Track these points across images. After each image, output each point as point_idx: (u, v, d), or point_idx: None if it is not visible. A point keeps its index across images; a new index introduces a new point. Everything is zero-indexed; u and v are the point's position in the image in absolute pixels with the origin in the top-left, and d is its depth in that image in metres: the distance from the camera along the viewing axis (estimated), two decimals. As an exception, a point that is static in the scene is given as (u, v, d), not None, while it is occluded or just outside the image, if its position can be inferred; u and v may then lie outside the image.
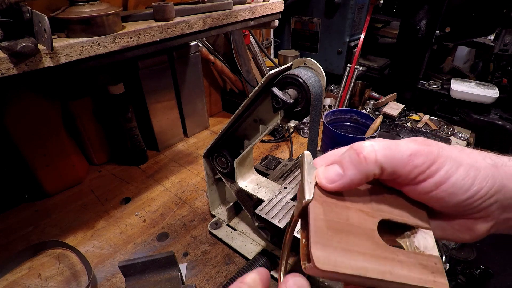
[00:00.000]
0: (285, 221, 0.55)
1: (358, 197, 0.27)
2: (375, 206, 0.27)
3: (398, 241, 0.27)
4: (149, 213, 0.80)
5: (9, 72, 0.41)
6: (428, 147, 0.26)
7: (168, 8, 0.58)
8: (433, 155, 0.25)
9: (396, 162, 0.25)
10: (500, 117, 1.12)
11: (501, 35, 1.08)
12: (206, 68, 1.13)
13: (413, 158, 0.25)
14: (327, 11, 1.26)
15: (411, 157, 0.25)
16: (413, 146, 0.25)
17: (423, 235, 0.26)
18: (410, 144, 0.26)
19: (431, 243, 0.26)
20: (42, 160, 0.80)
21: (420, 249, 0.25)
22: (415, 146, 0.25)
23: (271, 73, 0.48)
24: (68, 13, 0.48)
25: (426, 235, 0.26)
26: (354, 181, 0.25)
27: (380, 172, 0.25)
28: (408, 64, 1.24)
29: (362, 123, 0.94)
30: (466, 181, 0.25)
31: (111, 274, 0.64)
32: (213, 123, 1.23)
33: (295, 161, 0.79)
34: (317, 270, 0.21)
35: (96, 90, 0.87)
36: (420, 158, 0.25)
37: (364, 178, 0.25)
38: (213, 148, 0.65)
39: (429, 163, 0.25)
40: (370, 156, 0.25)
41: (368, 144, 0.25)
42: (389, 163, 0.25)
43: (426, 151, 0.25)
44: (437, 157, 0.25)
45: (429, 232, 0.27)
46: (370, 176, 0.25)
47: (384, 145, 0.25)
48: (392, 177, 0.26)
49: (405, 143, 0.26)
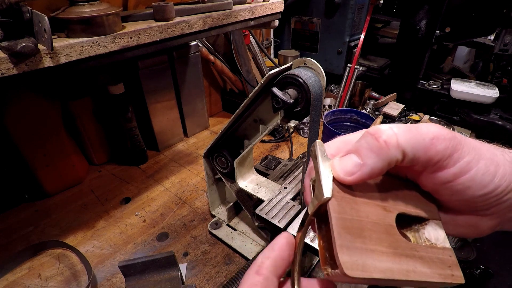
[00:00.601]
0: (285, 221, 0.55)
1: (373, 190, 0.25)
2: (390, 199, 0.25)
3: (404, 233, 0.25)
4: (149, 213, 0.80)
5: (9, 72, 0.41)
6: (450, 132, 0.23)
7: (168, 8, 0.58)
8: (456, 141, 0.23)
9: (419, 146, 0.22)
10: (500, 117, 1.12)
11: (501, 35, 1.08)
12: (206, 68, 1.13)
13: (436, 143, 0.22)
14: (327, 11, 1.26)
15: (434, 141, 0.22)
16: (435, 129, 0.23)
17: (433, 226, 0.25)
18: (431, 127, 0.23)
19: (442, 235, 0.25)
20: (42, 160, 0.80)
21: (432, 241, 0.24)
22: (437, 129, 0.23)
23: (271, 73, 0.48)
24: (68, 13, 0.48)
25: (437, 227, 0.25)
26: (375, 170, 0.23)
27: (402, 158, 0.22)
28: (408, 64, 1.24)
29: (362, 123, 0.94)
30: (485, 176, 0.23)
31: (111, 274, 0.64)
32: (213, 123, 1.23)
33: (295, 161, 0.79)
34: (346, 277, 0.20)
35: (96, 90, 0.87)
36: (443, 143, 0.22)
37: (386, 166, 0.23)
38: (213, 148, 0.65)
39: (451, 150, 0.23)
40: (391, 140, 0.22)
41: (387, 127, 0.23)
42: (411, 147, 0.22)
43: (449, 136, 0.23)
44: (459, 145, 0.23)
45: (439, 223, 0.26)
46: (393, 163, 0.22)
47: (404, 128, 0.23)
48: (411, 163, 0.23)
49: (425, 126, 0.23)
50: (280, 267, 0.23)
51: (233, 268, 0.65)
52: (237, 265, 0.66)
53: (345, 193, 0.24)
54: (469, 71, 1.44)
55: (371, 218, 0.23)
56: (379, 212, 0.24)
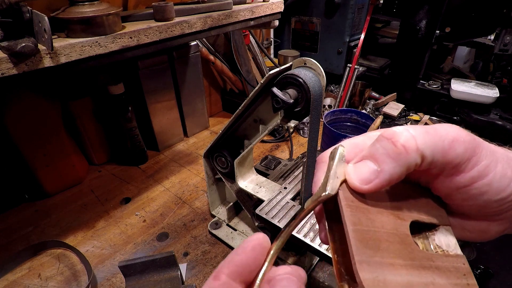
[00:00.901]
0: (285, 221, 0.55)
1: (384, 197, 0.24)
2: (402, 206, 0.24)
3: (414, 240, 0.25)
4: (149, 213, 0.80)
5: (9, 72, 0.41)
6: (469, 134, 0.22)
7: (168, 8, 0.58)
8: (475, 143, 0.22)
9: (437, 148, 0.21)
10: (500, 117, 1.12)
11: (501, 35, 1.08)
12: (206, 68, 1.13)
13: (455, 145, 0.21)
14: (327, 11, 1.26)
15: (453, 143, 0.21)
16: (454, 131, 0.22)
17: (443, 232, 0.25)
18: (450, 128, 0.22)
19: (453, 241, 0.24)
20: (42, 160, 0.80)
21: (443, 247, 0.24)
22: (456, 130, 0.22)
23: (271, 73, 0.48)
24: (68, 13, 0.48)
25: (447, 232, 0.25)
26: (394, 176, 0.21)
27: (420, 162, 0.21)
28: (408, 64, 1.24)
29: (362, 123, 0.94)
30: (503, 181, 0.22)
31: (111, 274, 0.64)
32: (213, 123, 1.23)
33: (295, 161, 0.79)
34: None
35: (96, 90, 0.87)
36: (462, 146, 0.21)
37: (405, 172, 0.21)
38: (213, 148, 0.65)
39: (470, 154, 0.21)
40: (410, 143, 0.21)
41: (403, 129, 0.21)
42: (430, 150, 0.21)
43: (468, 138, 0.22)
44: (478, 148, 0.22)
45: (449, 228, 0.25)
46: (412, 167, 0.21)
47: (421, 130, 0.21)
48: (429, 166, 0.22)
49: (443, 128, 0.22)
50: (245, 272, 0.21)
51: (233, 268, 0.65)
52: (237, 265, 0.66)
53: (359, 202, 0.22)
54: (469, 71, 1.44)
55: (386, 228, 0.22)
56: (393, 221, 0.23)
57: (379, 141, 0.22)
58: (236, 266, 0.21)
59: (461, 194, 0.23)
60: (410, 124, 1.17)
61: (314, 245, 0.50)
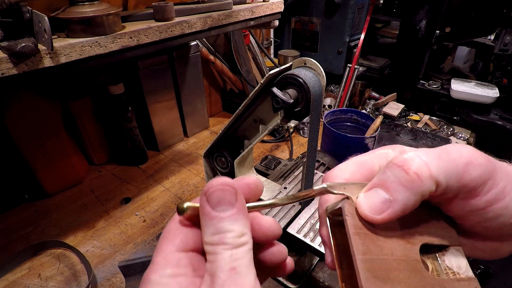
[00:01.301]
0: (285, 221, 0.55)
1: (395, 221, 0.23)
2: (413, 229, 0.23)
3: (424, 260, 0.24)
4: (149, 213, 0.80)
5: (9, 72, 0.41)
6: (484, 156, 0.21)
7: (168, 8, 0.58)
8: (491, 167, 0.21)
9: (452, 173, 0.20)
10: (500, 117, 1.12)
11: (501, 35, 1.08)
12: (206, 68, 1.13)
13: (470, 169, 0.20)
14: (327, 11, 1.26)
15: (468, 167, 0.20)
16: (468, 154, 0.21)
17: (454, 253, 0.24)
18: (463, 150, 0.21)
19: (463, 262, 0.23)
20: (42, 160, 0.80)
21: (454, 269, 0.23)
22: (470, 153, 0.21)
23: (271, 73, 0.48)
24: (68, 13, 0.48)
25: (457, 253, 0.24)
26: (407, 206, 0.20)
27: (435, 189, 0.20)
28: (408, 64, 1.24)
29: (362, 123, 0.94)
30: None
31: (111, 274, 0.64)
32: (213, 123, 1.23)
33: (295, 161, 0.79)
34: None
35: (96, 90, 0.87)
36: (478, 170, 0.20)
37: (419, 200, 0.20)
38: (213, 148, 0.65)
39: (486, 177, 0.21)
40: (423, 171, 0.20)
41: (414, 155, 0.20)
42: (444, 176, 0.20)
43: (483, 161, 0.21)
44: (494, 170, 0.21)
45: (460, 249, 0.24)
46: (426, 195, 0.20)
47: (433, 155, 0.20)
48: (443, 192, 0.21)
49: (456, 150, 0.21)
50: None
51: (233, 268, 0.65)
52: (237, 265, 0.66)
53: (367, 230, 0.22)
54: (469, 71, 1.44)
55: (396, 256, 0.21)
56: (403, 246, 0.22)
57: (390, 168, 0.21)
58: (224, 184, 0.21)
59: (476, 217, 0.22)
60: (410, 125, 1.17)
61: (314, 245, 0.50)
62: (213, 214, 0.20)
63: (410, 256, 0.22)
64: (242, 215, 0.20)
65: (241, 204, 0.20)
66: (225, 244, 0.19)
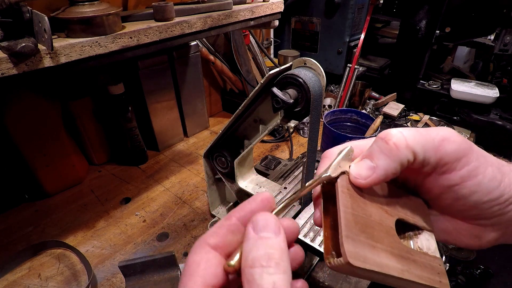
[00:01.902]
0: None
1: (379, 195, 0.27)
2: (393, 205, 0.27)
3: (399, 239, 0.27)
4: (149, 213, 0.80)
5: (9, 72, 0.41)
6: (461, 136, 0.24)
7: (168, 8, 0.58)
8: (466, 145, 0.24)
9: (428, 146, 0.23)
10: (500, 117, 1.12)
11: (501, 35, 1.08)
12: (206, 68, 1.13)
13: (445, 144, 0.23)
14: (327, 11, 1.26)
15: (444, 142, 0.23)
16: (445, 132, 0.24)
17: (426, 237, 0.27)
18: (441, 130, 0.24)
19: (433, 245, 0.27)
20: (42, 160, 0.80)
21: (424, 249, 0.26)
22: (447, 132, 0.24)
23: (271, 73, 0.48)
24: (68, 13, 0.48)
25: (429, 238, 0.27)
26: (388, 171, 0.24)
27: (413, 158, 0.23)
28: (408, 64, 1.24)
29: (362, 123, 0.94)
30: (492, 183, 0.24)
31: (111, 274, 0.64)
32: (213, 123, 1.23)
33: (295, 161, 0.79)
34: (347, 266, 0.21)
35: (96, 90, 0.87)
36: (453, 145, 0.23)
37: (398, 167, 0.24)
38: (213, 148, 0.65)
39: (461, 154, 0.23)
40: (400, 141, 0.23)
41: (396, 130, 0.24)
42: (420, 147, 0.23)
43: (459, 139, 0.24)
44: (469, 149, 0.24)
45: (432, 234, 0.27)
46: (405, 163, 0.24)
47: (413, 131, 0.24)
48: (422, 165, 0.24)
49: (435, 129, 0.25)
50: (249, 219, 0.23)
51: (233, 268, 0.65)
52: (237, 265, 0.66)
53: (355, 192, 0.25)
54: (469, 71, 1.44)
55: (374, 218, 0.25)
56: (382, 214, 0.25)
57: (375, 142, 0.25)
58: (246, 212, 0.23)
59: (453, 193, 0.25)
60: (410, 125, 1.17)
61: (314, 245, 0.50)
62: (260, 235, 0.21)
63: (386, 222, 0.25)
64: (284, 244, 0.21)
65: (283, 234, 0.22)
66: (269, 267, 0.19)
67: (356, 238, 0.22)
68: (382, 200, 0.26)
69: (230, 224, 0.23)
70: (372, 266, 0.21)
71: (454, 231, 0.28)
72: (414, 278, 0.23)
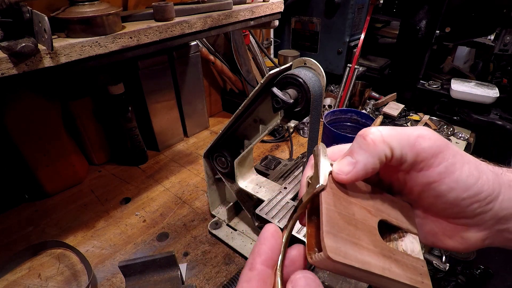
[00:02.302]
0: (285, 221, 0.55)
1: (361, 195, 0.27)
2: (375, 206, 0.27)
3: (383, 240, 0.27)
4: (149, 213, 0.80)
5: (9, 72, 0.41)
6: (437, 134, 0.25)
7: (168, 8, 0.58)
8: (442, 143, 0.25)
9: (404, 142, 0.24)
10: (500, 117, 1.12)
11: (501, 35, 1.08)
12: (206, 68, 1.13)
13: (421, 141, 0.24)
14: (327, 11, 1.26)
15: (419, 138, 0.24)
16: (420, 130, 0.25)
17: (411, 239, 0.27)
18: (417, 128, 0.26)
19: (417, 248, 0.27)
20: (42, 160, 0.80)
21: (407, 252, 0.26)
22: (423, 130, 0.25)
23: (271, 73, 0.48)
24: (68, 13, 0.48)
25: (414, 240, 0.27)
26: (368, 166, 0.25)
27: (390, 154, 0.24)
28: (408, 64, 1.24)
29: (362, 123, 0.94)
30: (469, 180, 0.24)
31: (111, 274, 0.64)
32: (213, 123, 1.23)
33: (295, 161, 0.79)
34: (327, 260, 0.21)
35: (96, 90, 0.87)
36: (428, 142, 0.24)
37: (377, 162, 0.25)
38: (213, 148, 0.65)
39: (437, 150, 0.24)
40: (377, 137, 0.24)
41: (374, 128, 0.25)
42: (397, 143, 0.24)
43: (434, 137, 0.25)
44: (444, 146, 0.25)
45: (416, 237, 0.28)
46: (382, 158, 0.25)
47: (390, 128, 0.25)
48: (400, 161, 0.25)
49: (411, 128, 0.26)
50: (272, 258, 0.24)
51: (233, 268, 0.65)
52: (237, 265, 0.66)
53: (339, 190, 0.26)
54: (469, 71, 1.43)
55: (357, 217, 0.25)
56: (365, 214, 0.26)
57: (355, 139, 0.26)
58: (266, 254, 0.23)
59: (432, 191, 0.25)
60: (410, 125, 1.17)
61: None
62: None
63: (369, 222, 0.25)
64: None
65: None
66: None
67: (337, 234, 0.22)
68: (366, 201, 0.27)
69: (259, 273, 0.23)
70: (352, 262, 0.21)
71: (440, 233, 0.28)
72: (396, 277, 0.23)
